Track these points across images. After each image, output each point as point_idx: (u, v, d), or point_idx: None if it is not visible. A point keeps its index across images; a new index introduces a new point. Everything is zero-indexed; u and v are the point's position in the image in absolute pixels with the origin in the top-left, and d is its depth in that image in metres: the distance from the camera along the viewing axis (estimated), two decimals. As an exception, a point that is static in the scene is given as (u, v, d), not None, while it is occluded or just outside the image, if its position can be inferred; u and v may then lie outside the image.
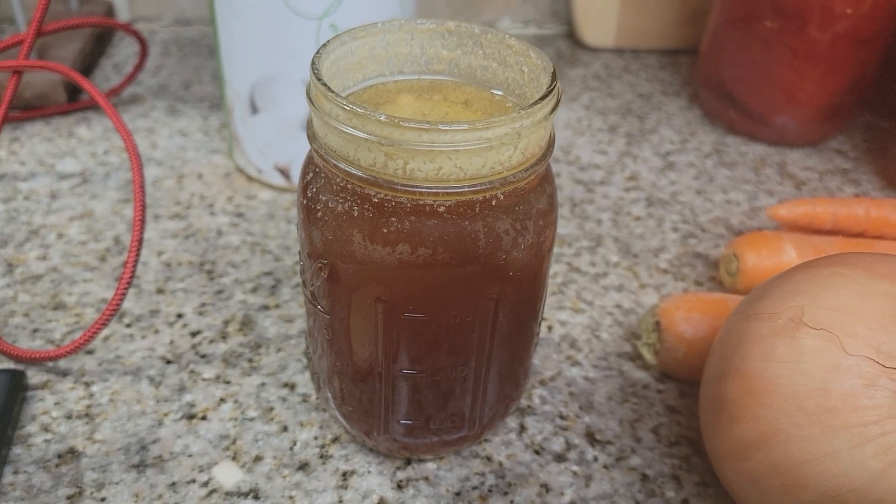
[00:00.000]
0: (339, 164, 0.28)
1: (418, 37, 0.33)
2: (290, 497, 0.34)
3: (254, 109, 0.50)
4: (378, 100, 0.32)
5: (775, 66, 0.57)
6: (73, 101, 0.61)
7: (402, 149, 0.27)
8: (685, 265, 0.49)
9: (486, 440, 0.37)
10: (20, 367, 0.40)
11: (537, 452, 0.37)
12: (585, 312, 0.45)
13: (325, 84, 0.28)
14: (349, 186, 0.28)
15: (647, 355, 0.41)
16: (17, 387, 0.38)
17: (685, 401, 0.40)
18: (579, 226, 0.51)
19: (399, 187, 0.27)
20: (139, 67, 0.60)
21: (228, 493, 0.34)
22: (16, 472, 0.35)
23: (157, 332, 0.42)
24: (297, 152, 0.51)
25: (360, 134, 0.27)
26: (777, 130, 0.60)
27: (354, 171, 0.28)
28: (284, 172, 0.52)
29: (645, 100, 0.66)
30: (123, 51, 0.70)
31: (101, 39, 0.69)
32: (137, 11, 0.74)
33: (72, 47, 0.63)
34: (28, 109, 0.58)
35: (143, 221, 0.40)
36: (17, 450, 0.36)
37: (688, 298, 0.41)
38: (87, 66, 0.65)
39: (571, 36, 0.75)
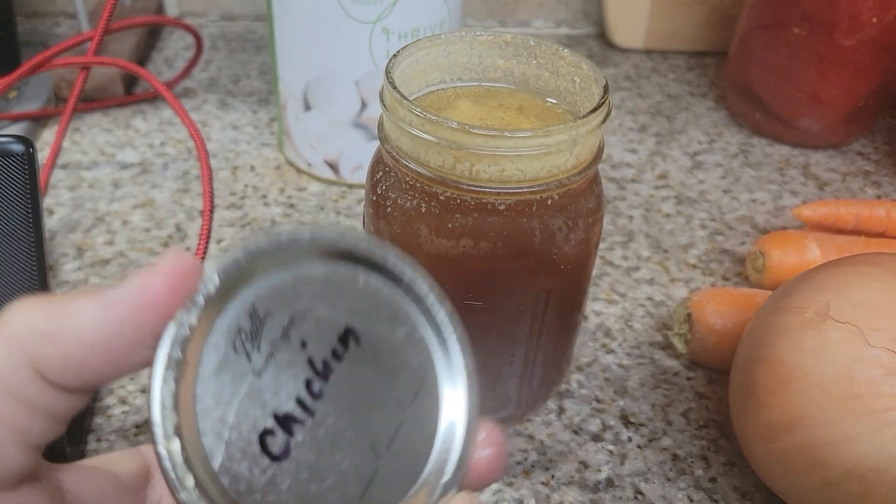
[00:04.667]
0: (410, 165, 0.31)
1: (477, 47, 0.36)
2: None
3: (306, 106, 0.53)
4: (439, 104, 0.35)
5: (802, 71, 0.59)
6: (130, 93, 0.64)
7: (469, 152, 0.29)
8: (713, 261, 0.51)
9: (528, 420, 0.40)
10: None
11: (575, 432, 0.40)
12: (619, 304, 0.48)
13: (399, 92, 0.30)
14: (418, 185, 0.31)
15: (679, 345, 0.44)
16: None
17: (713, 387, 0.43)
18: (612, 221, 0.54)
19: (465, 187, 0.30)
20: (194, 62, 0.63)
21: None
22: (98, 440, 0.38)
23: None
24: (345, 148, 0.54)
25: (432, 138, 0.30)
26: (802, 132, 0.62)
27: (424, 171, 0.31)
28: (333, 166, 0.55)
29: (673, 100, 0.69)
30: (172, 45, 0.73)
31: (152, 35, 0.72)
32: (186, 7, 0.77)
33: (127, 42, 0.66)
34: (88, 101, 0.61)
35: (212, 210, 0.43)
36: (98, 420, 0.39)
37: (717, 292, 0.44)
38: (141, 60, 0.68)
39: (602, 37, 0.77)
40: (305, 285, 0.19)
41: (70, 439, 0.36)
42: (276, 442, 0.18)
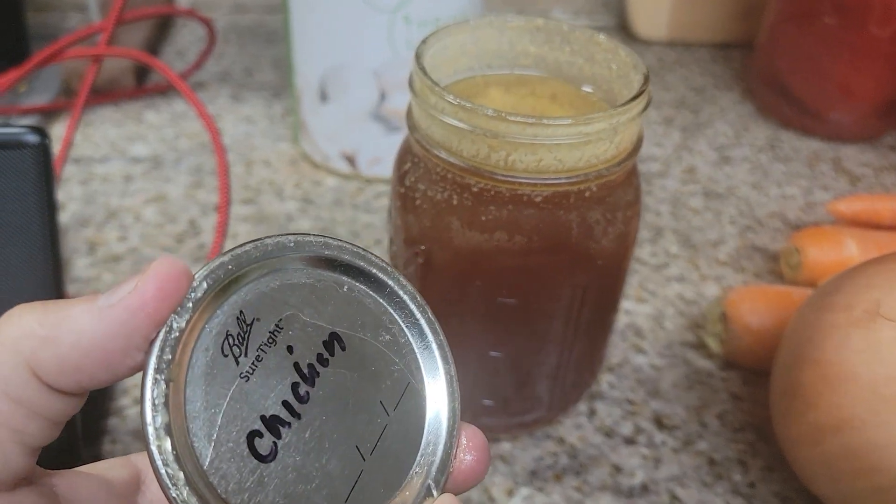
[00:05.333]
0: (441, 154, 0.29)
1: (507, 33, 0.34)
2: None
3: (323, 98, 0.52)
4: (469, 93, 0.34)
5: (833, 62, 0.57)
6: (141, 86, 0.62)
7: (505, 141, 0.28)
8: (744, 258, 0.50)
9: (558, 422, 0.39)
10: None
11: (608, 435, 0.38)
12: (648, 302, 0.46)
13: (431, 78, 0.29)
14: (449, 176, 0.30)
15: (713, 344, 0.42)
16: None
17: (749, 389, 0.41)
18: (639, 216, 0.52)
19: (500, 177, 0.29)
20: (207, 53, 0.61)
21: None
22: (113, 442, 0.37)
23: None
24: (363, 140, 0.53)
25: (466, 126, 0.28)
26: (832, 126, 0.60)
27: (456, 161, 0.29)
28: (350, 160, 0.54)
29: (698, 93, 0.67)
30: (184, 38, 0.71)
31: (163, 27, 0.71)
32: (197, -1, 0.76)
33: (139, 35, 0.64)
34: (99, 94, 0.60)
35: (228, 204, 0.41)
36: (112, 421, 0.38)
37: (753, 290, 0.42)
38: (152, 52, 0.67)
39: (623, 28, 0.76)
40: (292, 292, 0.20)
41: (86, 441, 0.35)
42: (264, 443, 0.19)
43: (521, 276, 0.31)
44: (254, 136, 0.58)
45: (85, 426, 0.35)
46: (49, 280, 0.32)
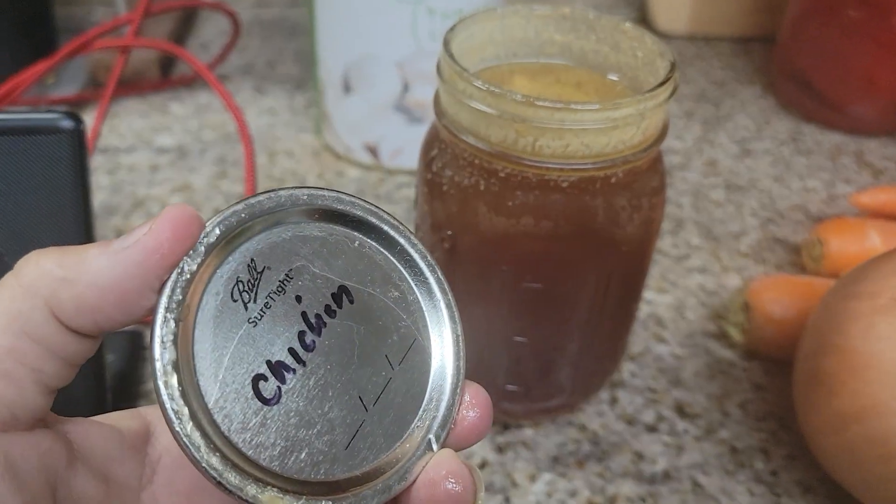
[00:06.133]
0: (469, 140, 0.30)
1: (533, 21, 0.34)
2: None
3: (346, 89, 0.52)
4: (494, 81, 0.34)
5: (856, 55, 0.57)
6: (166, 78, 0.63)
7: (533, 126, 0.28)
8: (765, 249, 0.50)
9: (579, 409, 0.39)
10: (138, 328, 0.42)
11: (629, 423, 0.39)
12: (670, 293, 0.46)
13: (459, 64, 0.29)
14: (476, 161, 0.30)
15: (735, 334, 0.42)
16: (137, 346, 0.40)
17: (771, 378, 0.41)
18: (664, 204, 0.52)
19: (527, 163, 0.29)
20: (232, 44, 0.62)
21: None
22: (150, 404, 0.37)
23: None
24: (385, 132, 0.53)
25: (494, 111, 0.28)
26: (854, 119, 0.60)
27: (484, 147, 0.29)
28: (373, 151, 0.54)
29: (719, 87, 0.67)
30: (207, 32, 0.72)
31: (187, 20, 0.72)
32: (220, -7, 0.77)
33: (164, 27, 0.65)
34: (124, 86, 0.61)
35: (255, 191, 0.42)
36: (140, 403, 0.38)
37: (776, 280, 0.42)
38: (177, 45, 0.68)
39: (643, 22, 0.76)
40: (303, 244, 0.20)
41: (123, 401, 0.36)
42: (268, 387, 0.19)
43: (547, 261, 0.31)
44: (276, 128, 0.59)
45: (115, 408, 0.36)
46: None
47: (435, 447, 0.21)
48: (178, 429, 0.18)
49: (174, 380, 0.18)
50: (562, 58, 0.35)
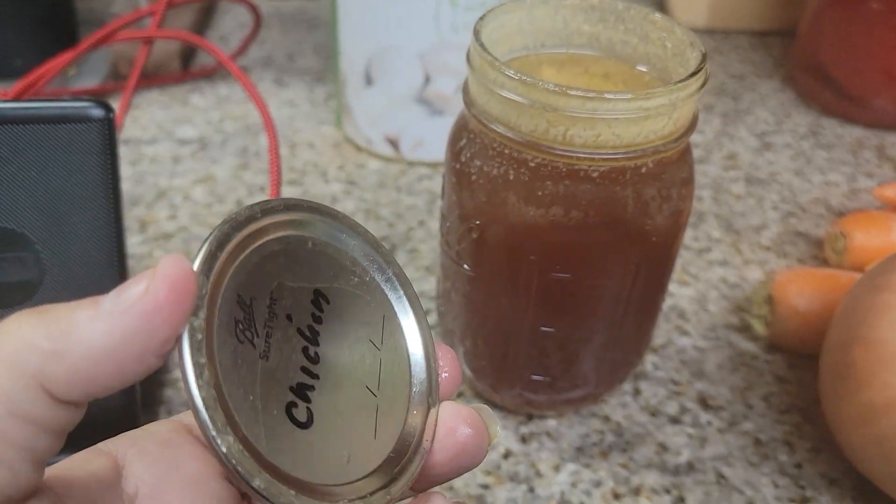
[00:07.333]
0: (499, 129, 0.30)
1: (562, 12, 0.34)
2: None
3: (368, 81, 0.52)
4: (523, 71, 0.34)
5: (878, 48, 0.57)
6: (186, 70, 0.63)
7: (564, 115, 0.28)
8: (787, 243, 0.50)
9: (603, 401, 0.39)
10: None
11: (653, 414, 0.39)
12: (691, 285, 0.46)
13: (490, 53, 0.29)
14: (506, 151, 0.30)
15: (758, 327, 0.42)
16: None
17: (794, 371, 0.41)
18: (693, 195, 0.52)
19: (558, 152, 0.29)
20: (253, 36, 0.62)
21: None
22: (169, 412, 0.38)
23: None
24: (406, 124, 0.53)
25: (525, 101, 0.28)
26: (876, 112, 0.60)
27: (514, 136, 0.29)
28: (393, 143, 0.54)
29: (738, 81, 0.67)
30: (226, 24, 0.72)
31: (207, 13, 0.72)
32: (238, -14, 0.77)
33: (185, 20, 0.65)
34: (145, 78, 0.61)
35: (279, 182, 0.42)
36: (167, 392, 0.39)
37: (800, 273, 0.42)
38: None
39: (661, 16, 0.75)
40: (271, 262, 0.20)
41: (144, 408, 0.36)
42: (300, 412, 0.20)
43: (576, 251, 0.31)
44: (297, 120, 0.59)
45: (143, 395, 0.36)
46: (113, 250, 0.33)
47: (437, 405, 0.22)
48: (256, 485, 0.18)
49: (231, 438, 0.17)
50: (590, 48, 0.35)
